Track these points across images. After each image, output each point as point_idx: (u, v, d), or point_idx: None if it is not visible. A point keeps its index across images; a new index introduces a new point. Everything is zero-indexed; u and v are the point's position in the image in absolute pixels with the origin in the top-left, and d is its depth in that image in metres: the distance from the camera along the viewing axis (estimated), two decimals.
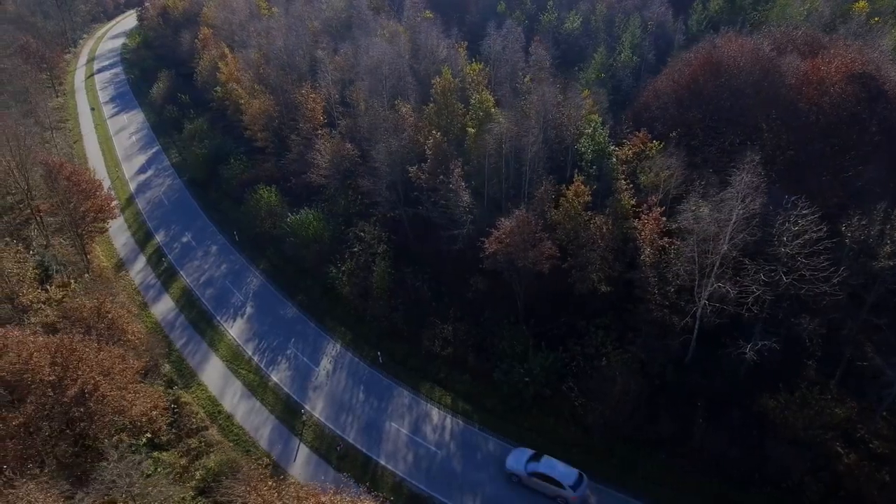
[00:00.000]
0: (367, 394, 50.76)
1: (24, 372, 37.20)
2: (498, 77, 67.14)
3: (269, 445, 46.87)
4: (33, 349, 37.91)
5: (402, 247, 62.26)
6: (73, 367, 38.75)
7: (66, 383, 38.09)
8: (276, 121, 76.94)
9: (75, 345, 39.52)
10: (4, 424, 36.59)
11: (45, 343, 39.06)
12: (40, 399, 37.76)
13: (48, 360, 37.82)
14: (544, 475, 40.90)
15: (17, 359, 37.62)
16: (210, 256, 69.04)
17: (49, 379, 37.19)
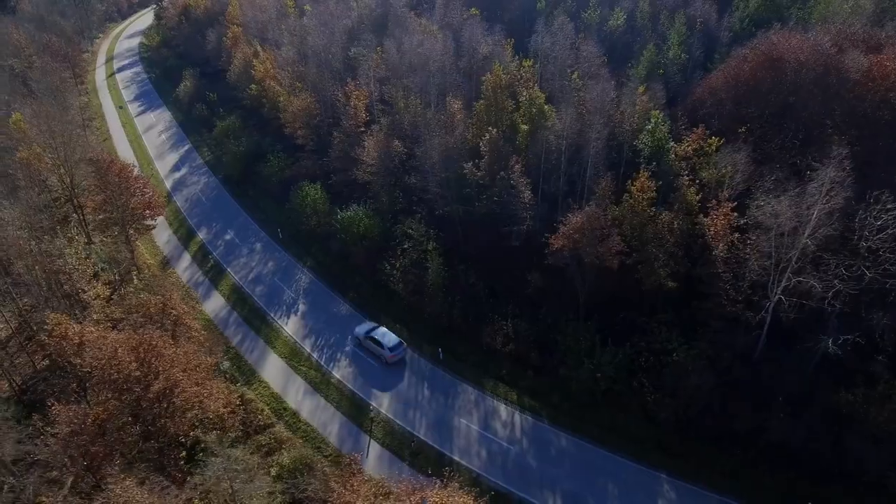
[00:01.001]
0: (431, 390, 50.58)
1: (109, 367, 36.85)
2: (545, 74, 66.98)
3: (339, 442, 46.67)
4: (118, 344, 37.57)
5: (451, 244, 62.02)
6: (155, 362, 38.41)
7: (150, 379, 37.75)
8: (316, 118, 76.65)
9: (155, 340, 39.21)
10: (92, 420, 36.27)
11: (126, 338, 38.74)
12: (124, 395, 37.45)
13: (132, 356, 37.45)
14: (374, 339, 52.70)
15: (101, 354, 37.29)
16: (255, 254, 68.78)
17: (136, 374, 36.86)
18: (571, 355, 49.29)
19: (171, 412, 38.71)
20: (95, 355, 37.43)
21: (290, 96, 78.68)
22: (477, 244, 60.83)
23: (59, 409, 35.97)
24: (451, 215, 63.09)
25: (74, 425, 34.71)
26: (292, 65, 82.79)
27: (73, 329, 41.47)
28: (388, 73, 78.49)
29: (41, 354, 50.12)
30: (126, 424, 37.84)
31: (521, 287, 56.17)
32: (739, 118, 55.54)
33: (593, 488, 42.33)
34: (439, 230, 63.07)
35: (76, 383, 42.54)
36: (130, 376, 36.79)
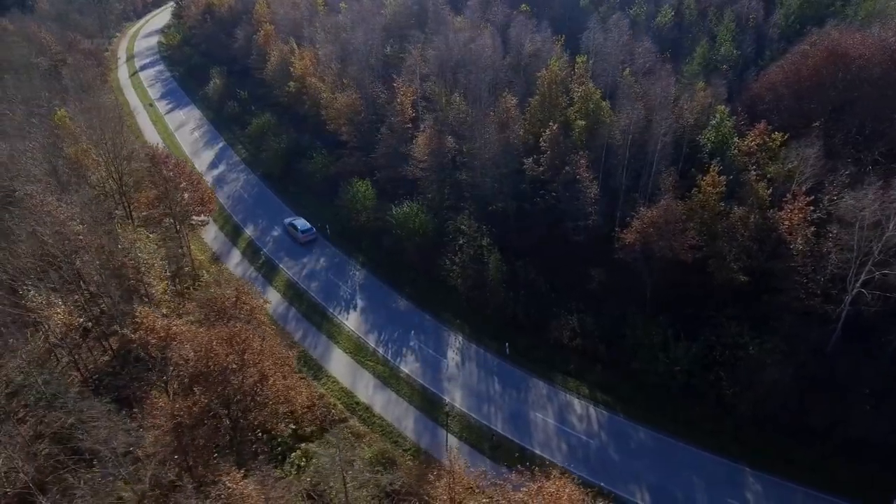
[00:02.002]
0: (502, 384, 50.58)
1: (207, 359, 36.71)
2: (596, 70, 67.10)
3: (417, 436, 46.63)
4: (213, 337, 37.43)
5: (504, 239, 61.88)
6: (248, 355, 38.28)
7: (246, 371, 37.61)
8: (360, 115, 76.57)
9: (246, 334, 39.08)
10: (188, 412, 36.12)
11: (218, 332, 38.59)
12: (219, 387, 37.30)
13: (228, 349, 37.32)
14: (294, 226, 69.11)
15: (197, 346, 37.16)
16: (304, 250, 68.56)
17: (233, 366, 36.72)
18: (644, 350, 49.33)
19: (262, 405, 38.54)
20: (194, 347, 37.21)
21: (333, 93, 78.50)
22: (533, 239, 60.81)
23: (164, 401, 35.78)
24: (504, 211, 63.16)
25: (179, 417, 34.53)
26: (334, 62, 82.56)
27: (160, 322, 41.33)
28: (430, 69, 78.66)
29: (108, 347, 49.91)
30: (219, 417, 37.66)
31: (582, 282, 56.19)
32: (801, 113, 55.75)
33: (678, 481, 42.37)
34: (491, 226, 63.06)
35: (160, 375, 42.27)
36: (228, 368, 36.58)
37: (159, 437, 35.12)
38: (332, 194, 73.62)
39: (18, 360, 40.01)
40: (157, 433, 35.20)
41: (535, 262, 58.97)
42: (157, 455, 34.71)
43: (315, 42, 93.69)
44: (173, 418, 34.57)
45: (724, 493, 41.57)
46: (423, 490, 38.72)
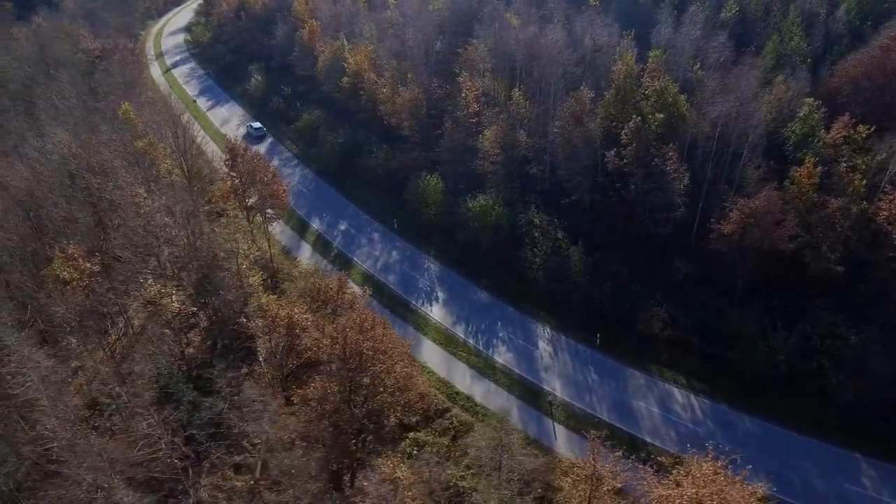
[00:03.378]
0: (598, 374, 50.88)
1: (343, 346, 36.82)
2: (665, 65, 67.44)
3: (523, 425, 46.88)
4: (347, 323, 37.55)
5: (578, 231, 62.08)
6: (378, 343, 38.42)
7: (379, 358, 37.75)
8: (423, 110, 76.79)
9: (371, 322, 39.22)
10: (322, 398, 36.22)
11: (349, 318, 38.71)
12: (352, 373, 37.42)
13: (361, 336, 37.44)
14: (251, 126, 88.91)
15: (333, 332, 37.27)
16: (375, 244, 68.84)
17: (368, 353, 36.85)
18: (742, 340, 49.64)
19: (391, 392, 38.69)
20: (328, 333, 37.34)
21: (394, 88, 78.69)
22: (611, 232, 61.19)
23: (317, 385, 35.81)
24: (579, 203, 63.53)
25: (329, 403, 34.63)
26: (386, 58, 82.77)
27: (284, 311, 41.46)
28: (488, 65, 79.01)
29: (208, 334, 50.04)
30: (352, 403, 37.78)
31: (666, 273, 56.53)
32: (884, 106, 56.27)
33: (791, 467, 42.70)
34: (564, 219, 63.42)
35: (280, 362, 42.29)
36: (364, 354, 36.71)
37: (313, 420, 35.17)
38: (394, 189, 73.92)
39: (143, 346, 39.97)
40: (307, 418, 35.22)
41: (615, 254, 59.33)
42: (307, 440, 34.74)
43: (362, 38, 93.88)
44: (324, 403, 34.66)
45: (838, 479, 41.94)
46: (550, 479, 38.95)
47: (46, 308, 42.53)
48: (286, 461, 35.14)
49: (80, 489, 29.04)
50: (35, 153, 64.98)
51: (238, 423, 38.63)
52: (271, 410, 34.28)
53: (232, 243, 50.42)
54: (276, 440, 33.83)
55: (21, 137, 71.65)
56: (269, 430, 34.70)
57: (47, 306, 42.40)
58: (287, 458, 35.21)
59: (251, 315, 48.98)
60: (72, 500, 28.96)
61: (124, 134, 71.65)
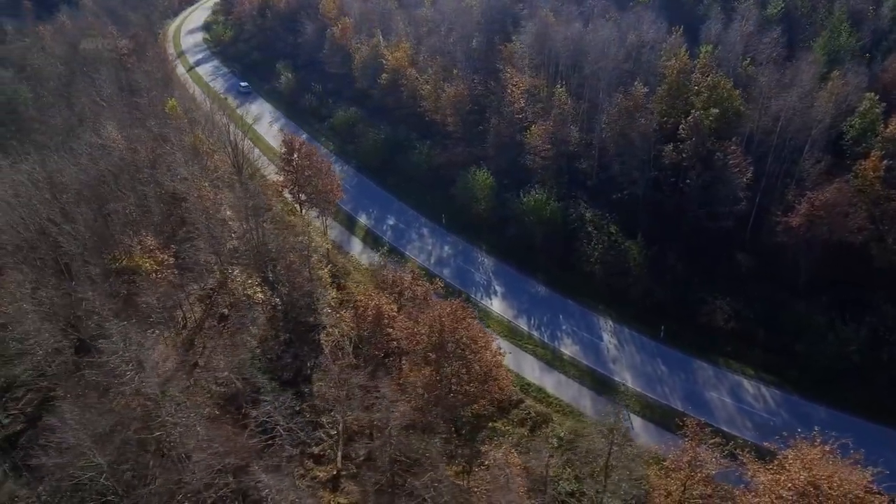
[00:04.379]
0: (666, 366, 51.30)
1: (441, 334, 37.06)
2: (714, 60, 67.92)
3: (597, 414, 46.99)
4: (441, 314, 37.79)
5: (634, 226, 62.44)
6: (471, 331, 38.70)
7: (474, 348, 38.01)
8: (467, 106, 77.10)
9: (464, 312, 39.50)
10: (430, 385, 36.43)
11: (443, 307, 38.96)
12: (446, 362, 37.67)
13: (456, 325, 37.71)
14: (240, 84, 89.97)
15: (432, 320, 37.52)
16: (426, 238, 69.17)
17: (465, 341, 37.10)
18: (809, 332, 50.06)
19: (482, 380, 38.93)
20: (426, 322, 37.58)
21: (437, 84, 78.99)
22: (667, 226, 61.50)
23: (425, 372, 36.04)
24: (632, 198, 63.92)
25: (436, 389, 34.86)
26: (423, 55, 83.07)
27: (373, 301, 41.68)
28: (530, 61, 79.39)
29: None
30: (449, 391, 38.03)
31: (725, 266, 57.01)
32: None
33: (876, 457, 42.91)
34: (617, 213, 63.89)
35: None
36: (461, 342, 36.96)
37: (423, 407, 35.38)
38: (438, 184, 74.33)
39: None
40: (415, 405, 35.41)
41: (672, 248, 59.63)
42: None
43: (395, 36, 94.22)
44: (432, 389, 34.88)
45: None
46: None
47: (133, 298, 42.65)
48: (415, 446, 35.28)
49: (209, 473, 29.22)
50: (87, 148, 65.07)
51: (313, 413, 38.68)
52: (387, 397, 34.28)
53: (303, 237, 50.49)
54: (394, 426, 33.93)
55: (69, 133, 71.73)
56: (378, 416, 34.79)
57: (135, 295, 42.50)
58: (415, 443, 35.34)
59: (320, 308, 49.21)
60: (197, 485, 29.13)
61: (173, 129, 71.73)
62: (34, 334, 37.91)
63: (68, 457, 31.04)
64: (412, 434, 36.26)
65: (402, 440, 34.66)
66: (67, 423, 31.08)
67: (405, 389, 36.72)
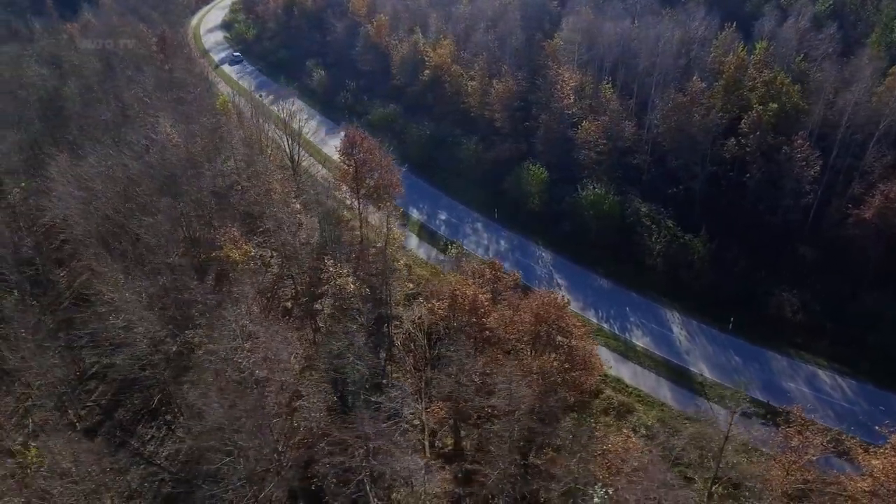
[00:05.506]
0: (740, 357, 51.81)
1: (546, 322, 37.50)
2: (768, 56, 68.65)
3: (678, 404, 47.69)
4: (540, 303, 38.25)
5: (691, 220, 62.99)
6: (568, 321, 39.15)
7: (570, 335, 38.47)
8: (516, 101, 77.60)
9: (561, 301, 39.93)
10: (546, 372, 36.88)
11: (539, 296, 39.41)
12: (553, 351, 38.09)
13: (556, 314, 38.15)
14: (233, 54, 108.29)
15: (535, 307, 37.97)
16: (480, 233, 69.62)
17: (568, 330, 37.53)
18: (883, 323, 50.66)
19: (581, 368, 39.39)
20: (530, 309, 38.05)
21: (484, 80, 79.46)
22: (726, 219, 62.06)
23: (543, 361, 36.46)
24: (688, 192, 64.52)
25: (550, 376, 35.33)
26: (483, 50, 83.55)
27: (470, 290, 42.06)
28: (575, 57, 79.95)
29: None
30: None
31: (789, 259, 57.65)
32: None
33: None
34: (670, 207, 64.48)
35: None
36: (563, 330, 37.39)
37: (542, 394, 35.84)
38: (486, 179, 74.91)
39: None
40: (533, 392, 35.80)
41: (733, 241, 60.09)
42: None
43: (430, 33, 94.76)
44: (549, 376, 35.35)
45: None
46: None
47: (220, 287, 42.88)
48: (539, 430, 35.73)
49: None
50: (145, 143, 65.27)
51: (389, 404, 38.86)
52: (513, 383, 34.61)
53: (384, 228, 50.85)
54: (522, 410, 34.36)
55: (120, 129, 71.76)
56: (502, 402, 35.20)
57: (234, 284, 42.70)
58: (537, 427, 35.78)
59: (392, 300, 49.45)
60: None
61: (224, 124, 72.00)
62: (138, 322, 38.06)
63: (207, 441, 31.27)
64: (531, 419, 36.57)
65: (528, 423, 35.04)
66: (212, 408, 31.31)
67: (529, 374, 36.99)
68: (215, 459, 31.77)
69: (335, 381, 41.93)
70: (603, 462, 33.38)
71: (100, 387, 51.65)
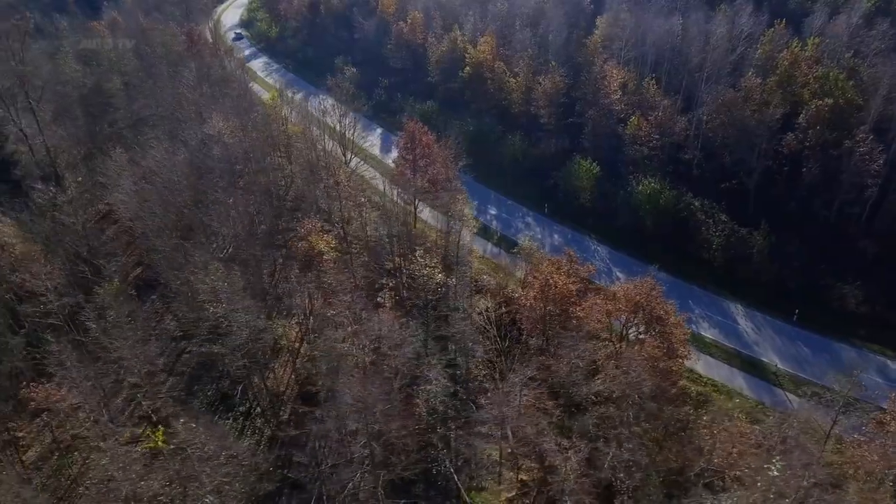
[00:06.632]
0: (808, 348, 52.38)
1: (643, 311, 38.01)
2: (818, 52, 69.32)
3: (754, 393, 48.28)
4: (642, 290, 38.81)
5: (744, 214, 63.53)
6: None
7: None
8: (562, 97, 78.10)
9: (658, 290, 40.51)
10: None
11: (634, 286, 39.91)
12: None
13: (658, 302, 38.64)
14: (236, 32, 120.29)
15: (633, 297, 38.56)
16: (533, 228, 70.12)
17: (664, 317, 38.05)
18: None
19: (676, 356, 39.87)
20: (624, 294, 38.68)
21: (528, 77, 79.94)
22: (782, 213, 62.63)
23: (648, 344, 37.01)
24: (742, 187, 65.14)
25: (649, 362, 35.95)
26: (529, 46, 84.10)
27: (561, 280, 42.56)
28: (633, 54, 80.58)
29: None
30: None
31: (848, 252, 58.29)
32: None
33: None
34: (722, 201, 65.10)
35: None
36: (660, 318, 37.90)
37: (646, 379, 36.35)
38: (533, 175, 75.38)
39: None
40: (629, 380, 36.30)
41: (792, 235, 60.55)
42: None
43: (463, 30, 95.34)
44: (656, 361, 35.87)
45: None
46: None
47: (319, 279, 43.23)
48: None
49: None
50: (202, 136, 65.54)
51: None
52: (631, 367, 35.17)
53: (462, 218, 51.34)
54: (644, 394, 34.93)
55: (171, 123, 72.09)
56: (617, 386, 35.69)
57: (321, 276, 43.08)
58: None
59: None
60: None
61: (273, 119, 72.34)
62: (243, 312, 38.32)
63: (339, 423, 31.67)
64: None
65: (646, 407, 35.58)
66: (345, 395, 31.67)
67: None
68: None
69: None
70: (727, 446, 33.85)
71: (169, 379, 51.92)
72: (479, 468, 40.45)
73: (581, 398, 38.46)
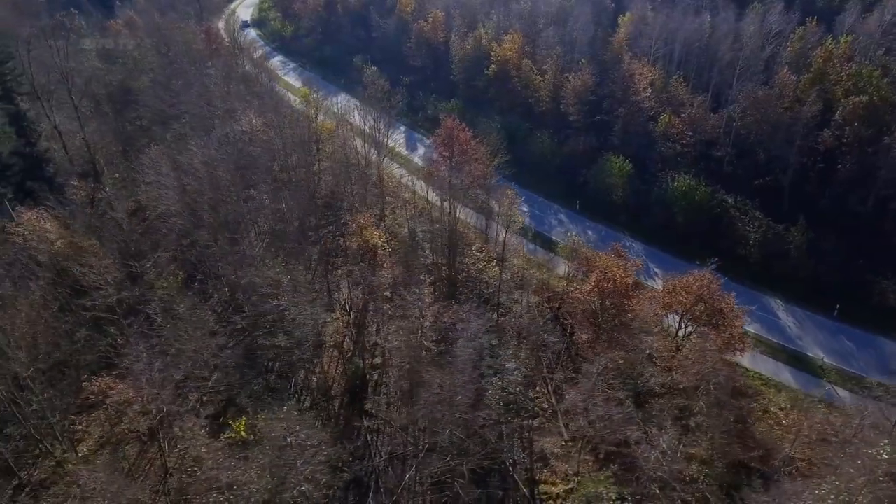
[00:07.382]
0: (852, 342, 52.76)
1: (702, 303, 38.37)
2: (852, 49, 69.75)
3: (801, 386, 48.63)
4: (692, 284, 39.25)
5: (778, 210, 63.96)
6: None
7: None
8: (591, 95, 78.46)
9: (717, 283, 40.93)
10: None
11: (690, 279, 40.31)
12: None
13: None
14: (242, 20, 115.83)
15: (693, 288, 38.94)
16: (566, 224, 70.45)
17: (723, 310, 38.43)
18: None
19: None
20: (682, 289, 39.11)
21: (556, 75, 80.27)
22: (817, 209, 63.03)
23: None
24: (776, 183, 65.60)
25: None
26: (558, 44, 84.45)
27: (619, 273, 42.95)
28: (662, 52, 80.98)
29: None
30: None
31: (886, 248, 58.65)
32: None
33: None
34: (756, 198, 65.57)
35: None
36: (718, 311, 38.30)
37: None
38: (563, 172, 75.76)
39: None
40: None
41: (829, 231, 60.86)
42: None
43: (485, 28, 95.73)
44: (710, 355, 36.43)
45: None
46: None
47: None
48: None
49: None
50: (238, 134, 65.74)
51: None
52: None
53: (508, 214, 51.67)
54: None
55: (206, 121, 72.22)
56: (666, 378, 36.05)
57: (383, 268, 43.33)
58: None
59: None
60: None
61: (302, 116, 72.63)
62: (308, 304, 38.52)
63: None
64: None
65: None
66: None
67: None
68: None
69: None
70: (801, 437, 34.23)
71: (215, 373, 51.97)
72: (554, 458, 40.78)
73: (647, 389, 38.85)
